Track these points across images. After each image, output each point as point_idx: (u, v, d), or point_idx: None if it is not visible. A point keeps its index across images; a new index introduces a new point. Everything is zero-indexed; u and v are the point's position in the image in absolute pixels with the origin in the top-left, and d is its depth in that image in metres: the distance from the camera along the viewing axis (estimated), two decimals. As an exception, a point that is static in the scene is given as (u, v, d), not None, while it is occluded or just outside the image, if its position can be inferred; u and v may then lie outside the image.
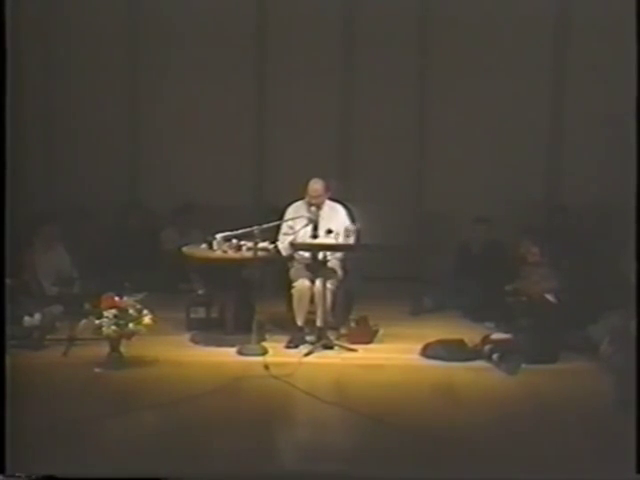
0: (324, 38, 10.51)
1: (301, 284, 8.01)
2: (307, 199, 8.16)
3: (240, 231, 7.83)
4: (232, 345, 7.78)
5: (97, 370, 7.14)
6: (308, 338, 8.01)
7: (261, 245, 7.86)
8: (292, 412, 6.65)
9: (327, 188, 8.16)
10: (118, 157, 10.77)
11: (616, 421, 5.90)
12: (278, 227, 8.19)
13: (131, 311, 7.16)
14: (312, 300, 8.00)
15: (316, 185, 8.12)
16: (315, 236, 8.08)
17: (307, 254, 8.07)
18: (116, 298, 7.19)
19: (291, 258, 8.17)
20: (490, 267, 9.18)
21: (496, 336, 7.77)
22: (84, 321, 7.24)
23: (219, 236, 7.94)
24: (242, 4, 10.57)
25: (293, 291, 8.02)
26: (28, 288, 8.14)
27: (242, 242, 7.93)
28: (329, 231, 8.04)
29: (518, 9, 10.18)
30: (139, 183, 10.89)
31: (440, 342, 7.77)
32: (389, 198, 10.49)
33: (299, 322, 8.03)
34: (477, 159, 10.47)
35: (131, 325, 7.12)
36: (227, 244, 7.97)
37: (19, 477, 4.96)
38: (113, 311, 7.10)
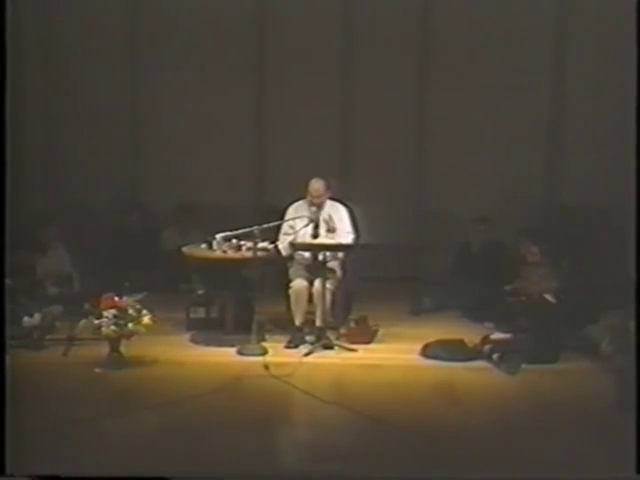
0: (324, 38, 10.51)
1: (298, 284, 8.01)
2: (308, 199, 8.17)
3: (240, 231, 7.83)
4: (232, 345, 7.78)
5: (97, 370, 7.14)
6: (308, 338, 8.01)
7: (261, 245, 7.86)
8: (292, 412, 6.66)
9: (328, 188, 8.17)
10: (118, 157, 10.77)
11: (616, 421, 5.90)
12: (278, 227, 8.19)
13: (131, 311, 7.16)
14: (310, 300, 8.00)
15: (317, 185, 8.13)
16: (315, 236, 8.09)
17: (307, 254, 8.07)
18: (116, 298, 7.20)
19: (291, 258, 8.18)
20: (490, 267, 9.17)
21: (496, 336, 7.77)
22: (84, 321, 7.24)
23: (219, 236, 7.94)
24: (242, 4, 10.57)
25: (290, 291, 8.02)
26: (28, 288, 8.14)
27: (242, 242, 7.93)
28: (329, 229, 8.06)
29: (518, 9, 10.19)
30: (140, 183, 10.90)
31: (440, 342, 7.77)
32: (389, 198, 10.50)
33: (297, 322, 8.02)
34: (477, 159, 10.47)
35: (131, 325, 7.12)
36: (227, 244, 7.97)
37: (19, 477, 4.96)
38: (113, 311, 7.10)
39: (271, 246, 8.04)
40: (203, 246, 8.14)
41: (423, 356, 7.69)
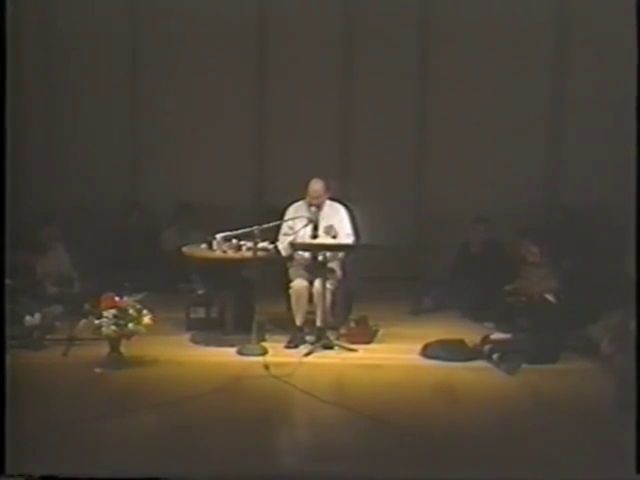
0: (324, 38, 10.51)
1: (298, 284, 8.02)
2: (307, 199, 8.17)
3: (240, 231, 7.83)
4: (232, 345, 7.78)
5: (97, 370, 7.14)
6: (308, 338, 8.02)
7: (261, 245, 7.86)
8: (292, 412, 6.65)
9: (327, 188, 8.17)
10: (118, 157, 10.77)
11: (616, 421, 5.90)
12: (278, 227, 8.19)
13: (131, 311, 7.16)
14: (311, 300, 8.01)
15: (316, 185, 8.13)
16: (315, 236, 8.10)
17: (307, 254, 8.07)
18: (116, 298, 7.20)
19: (291, 258, 8.18)
20: (490, 267, 9.17)
21: (496, 336, 7.77)
22: (84, 321, 7.24)
23: (219, 236, 7.94)
24: (242, 4, 10.57)
25: (290, 291, 8.03)
26: (28, 288, 8.14)
27: (242, 242, 7.93)
28: (328, 229, 8.06)
29: (518, 9, 10.19)
30: (139, 183, 10.90)
31: (440, 342, 7.77)
32: (389, 198, 10.49)
33: (297, 322, 8.03)
34: (477, 159, 10.47)
35: (131, 325, 7.12)
36: (227, 244, 7.97)
37: (19, 477, 4.96)
38: (113, 311, 7.10)
39: (271, 246, 8.04)
40: (203, 246, 8.14)
41: (423, 356, 7.69)
